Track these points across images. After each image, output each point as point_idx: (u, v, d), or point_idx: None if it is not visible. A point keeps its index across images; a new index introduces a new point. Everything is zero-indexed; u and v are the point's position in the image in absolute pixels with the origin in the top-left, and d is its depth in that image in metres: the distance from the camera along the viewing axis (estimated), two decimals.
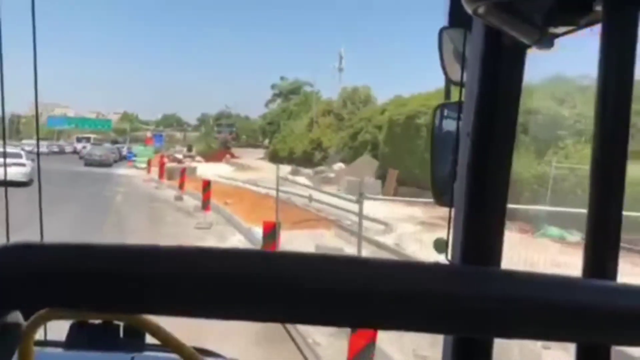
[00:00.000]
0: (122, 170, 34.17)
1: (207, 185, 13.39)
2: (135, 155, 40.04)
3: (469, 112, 0.81)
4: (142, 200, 18.39)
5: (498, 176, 0.81)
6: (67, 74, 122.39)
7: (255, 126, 67.46)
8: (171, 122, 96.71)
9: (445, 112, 1.10)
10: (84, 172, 29.98)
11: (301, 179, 29.53)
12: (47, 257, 0.35)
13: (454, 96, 1.02)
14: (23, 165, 20.41)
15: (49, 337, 1.25)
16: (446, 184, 0.98)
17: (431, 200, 1.13)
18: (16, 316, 0.45)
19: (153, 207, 16.68)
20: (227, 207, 16.20)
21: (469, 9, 0.68)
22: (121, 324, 1.14)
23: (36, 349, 0.70)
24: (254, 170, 37.18)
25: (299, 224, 13.34)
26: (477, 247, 0.82)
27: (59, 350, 1.21)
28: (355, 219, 13.73)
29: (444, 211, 0.95)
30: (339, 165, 30.73)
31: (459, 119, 0.90)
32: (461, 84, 0.87)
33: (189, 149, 53.88)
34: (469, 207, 0.81)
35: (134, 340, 1.18)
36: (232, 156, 50.44)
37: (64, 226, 12.18)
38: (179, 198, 18.51)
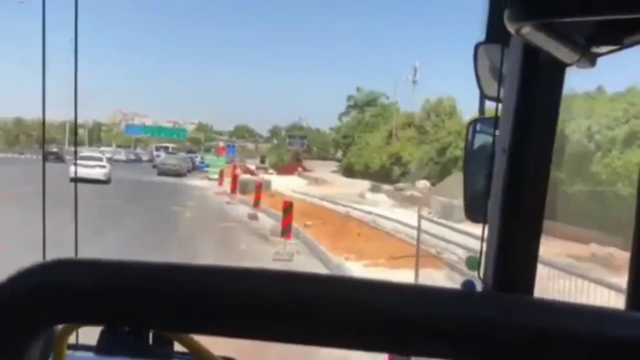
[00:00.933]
0: (194, 181, 32.99)
1: (288, 206, 11.17)
2: (207, 166, 38.95)
3: (505, 128, 0.81)
4: (212, 219, 16.50)
5: (535, 194, 0.79)
6: (148, 85, 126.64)
7: (326, 138, 65.71)
8: (243, 133, 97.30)
9: (479, 127, 1.09)
10: (155, 183, 28.92)
11: (381, 197, 27.18)
12: (83, 274, 0.36)
13: (488, 112, 1.03)
14: (104, 167, 25.69)
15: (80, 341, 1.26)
16: (479, 199, 0.97)
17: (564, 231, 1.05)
18: None
19: (224, 229, 14.69)
20: (307, 231, 13.95)
21: (511, 29, 0.65)
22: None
23: (68, 352, 0.70)
24: (329, 185, 35.16)
25: (399, 260, 10.79)
26: (510, 268, 0.80)
27: (90, 354, 1.23)
28: (462, 252, 11.34)
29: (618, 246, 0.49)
30: (423, 183, 28.02)
31: (494, 134, 0.87)
32: (497, 100, 0.87)
33: (262, 161, 52.67)
34: (503, 225, 0.80)
35: (163, 347, 1.13)
36: (304, 169, 48.73)
37: (123, 246, 10.39)
38: (253, 217, 16.49)
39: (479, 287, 0.94)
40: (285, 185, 28.70)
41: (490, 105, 0.99)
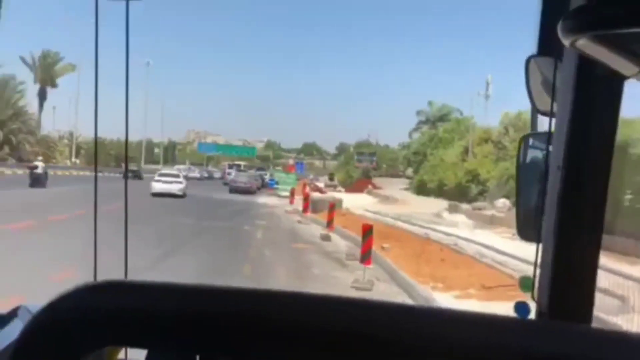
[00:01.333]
0: (264, 199, 32.71)
1: (368, 230, 10.19)
2: (277, 183, 38.69)
3: (559, 144, 0.78)
4: (284, 239, 15.79)
5: (592, 213, 0.76)
6: (220, 105, 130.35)
7: (395, 155, 64.30)
8: (311, 150, 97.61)
9: (532, 143, 1.08)
10: (226, 201, 28.78)
11: (460, 217, 25.53)
12: (131, 296, 0.37)
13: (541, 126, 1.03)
14: (180, 183, 28.63)
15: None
16: (533, 217, 0.95)
17: None
18: None
19: (297, 251, 13.91)
20: (385, 255, 12.88)
21: (566, 42, 0.63)
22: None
23: None
24: (401, 203, 33.83)
25: (492, 291, 9.50)
26: (566, 292, 0.77)
27: None
28: None
29: None
30: (502, 202, 26.11)
31: (547, 150, 0.86)
32: (551, 115, 0.85)
33: (331, 178, 51.94)
34: (559, 245, 0.77)
35: None
36: (374, 186, 47.56)
37: (194, 268, 9.78)
38: (326, 237, 15.63)
39: (532, 310, 0.88)
40: (356, 203, 27.70)
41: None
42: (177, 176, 30.00)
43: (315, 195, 26.73)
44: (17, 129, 47.15)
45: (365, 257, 10.05)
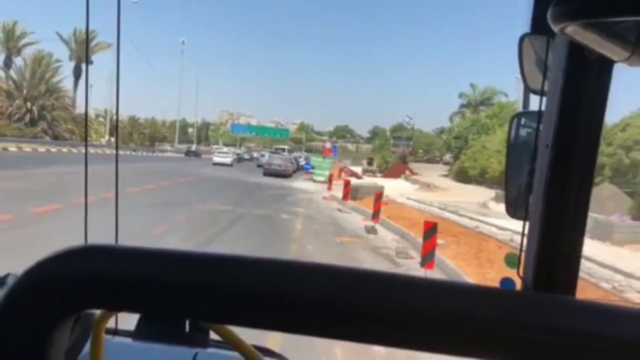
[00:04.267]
0: (300, 184, 31.49)
1: (431, 227, 8.82)
2: (312, 167, 37.37)
3: (549, 123, 0.79)
4: (326, 231, 14.53)
5: (578, 192, 0.78)
6: (253, 87, 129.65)
7: (432, 140, 62.26)
8: (343, 133, 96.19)
9: (523, 121, 1.08)
10: (262, 185, 27.68)
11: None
12: (119, 261, 0.37)
13: (532, 105, 1.03)
14: (229, 157, 44.87)
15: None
16: (521, 196, 0.97)
17: None
18: None
19: (342, 246, 12.63)
20: (441, 253, 11.48)
21: (555, 28, 0.63)
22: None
23: (107, 337, 0.72)
24: (443, 191, 32.18)
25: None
26: (551, 267, 0.80)
27: (128, 340, 1.27)
28: None
29: None
30: None
31: (537, 129, 0.87)
32: (541, 93, 0.85)
33: (370, 163, 50.12)
34: (545, 222, 0.79)
35: (198, 335, 1.23)
36: (412, 172, 45.86)
37: None
38: (372, 230, 14.32)
39: (517, 286, 0.91)
40: (394, 190, 26.25)
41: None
42: (227, 153, 47.79)
43: (354, 181, 25.36)
44: (50, 105, 47.00)
45: (428, 259, 8.73)
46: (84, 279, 0.36)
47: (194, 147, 62.05)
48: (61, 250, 0.37)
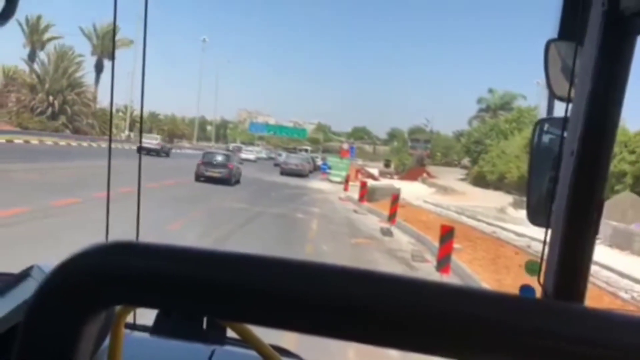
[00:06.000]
0: (316, 184, 31.49)
1: (448, 231, 8.75)
2: (329, 167, 37.33)
3: (575, 130, 0.77)
4: (342, 232, 14.48)
5: (598, 201, 0.76)
6: (271, 86, 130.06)
7: (450, 143, 61.77)
8: (361, 134, 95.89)
9: (546, 128, 1.06)
10: (278, 184, 27.74)
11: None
12: (141, 257, 0.38)
13: (556, 112, 1.02)
14: (253, 154, 54.07)
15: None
16: (542, 203, 0.94)
17: None
18: None
19: (357, 248, 12.57)
20: (457, 257, 11.36)
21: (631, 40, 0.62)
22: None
23: (125, 331, 0.72)
24: (460, 195, 31.92)
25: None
26: (572, 276, 0.78)
27: (146, 335, 1.28)
28: None
29: None
30: None
31: (562, 136, 0.84)
32: (568, 100, 0.83)
33: (387, 165, 49.96)
34: (568, 231, 0.77)
35: (215, 332, 1.25)
36: (429, 175, 45.57)
37: None
38: (387, 232, 14.24)
39: (537, 293, 0.89)
40: (411, 192, 26.07)
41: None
42: (252, 151, 56.61)
43: (370, 182, 25.27)
44: (71, 99, 47.59)
45: (443, 263, 8.64)
46: (116, 276, 0.37)
47: (155, 142, 39.94)
48: (91, 246, 0.38)
